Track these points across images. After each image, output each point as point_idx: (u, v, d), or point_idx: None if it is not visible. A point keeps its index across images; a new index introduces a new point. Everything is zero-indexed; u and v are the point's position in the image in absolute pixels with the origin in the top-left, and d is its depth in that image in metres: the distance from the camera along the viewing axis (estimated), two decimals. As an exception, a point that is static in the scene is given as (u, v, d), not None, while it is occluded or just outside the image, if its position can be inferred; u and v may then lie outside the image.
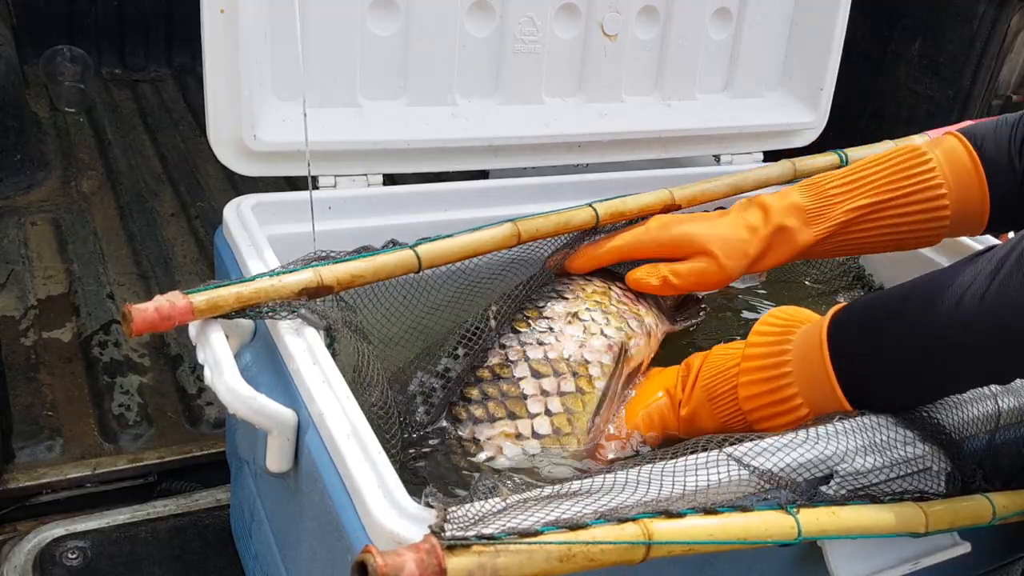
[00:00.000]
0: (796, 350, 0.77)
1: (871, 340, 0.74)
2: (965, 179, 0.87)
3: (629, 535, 0.57)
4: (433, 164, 1.09)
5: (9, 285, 1.51)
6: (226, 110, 0.95)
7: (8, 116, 1.77)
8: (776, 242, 0.93)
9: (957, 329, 0.68)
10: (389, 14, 1.03)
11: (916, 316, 0.71)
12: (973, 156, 0.87)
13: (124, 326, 0.68)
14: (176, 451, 1.26)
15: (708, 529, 0.60)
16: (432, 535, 0.52)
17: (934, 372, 0.72)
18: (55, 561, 1.11)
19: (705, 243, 0.92)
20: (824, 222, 0.91)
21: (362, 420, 0.67)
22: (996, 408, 0.79)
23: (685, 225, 0.94)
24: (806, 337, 0.77)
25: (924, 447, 0.74)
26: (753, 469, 0.67)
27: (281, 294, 0.75)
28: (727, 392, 0.81)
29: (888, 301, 0.75)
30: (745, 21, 1.26)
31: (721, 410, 0.82)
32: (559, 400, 0.84)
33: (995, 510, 0.74)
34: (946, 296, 0.69)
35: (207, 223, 1.77)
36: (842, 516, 0.66)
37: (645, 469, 0.65)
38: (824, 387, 0.75)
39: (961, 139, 0.88)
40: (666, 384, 0.88)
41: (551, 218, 0.94)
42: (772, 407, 0.78)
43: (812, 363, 0.75)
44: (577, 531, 0.56)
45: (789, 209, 0.93)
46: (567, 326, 0.90)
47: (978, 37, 1.57)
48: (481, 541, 0.52)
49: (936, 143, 0.90)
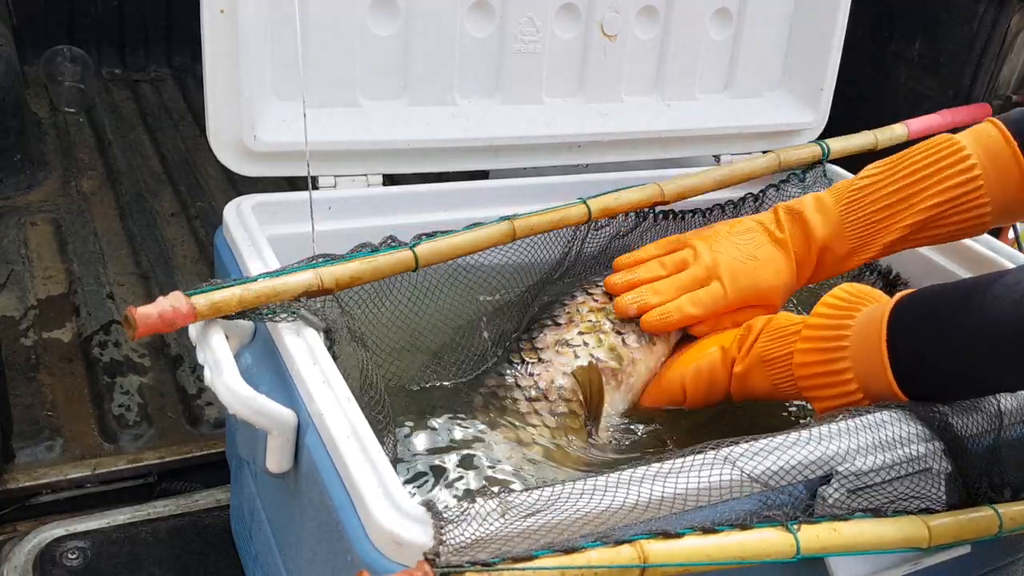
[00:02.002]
0: (857, 327, 0.78)
1: (929, 329, 0.74)
2: (1006, 173, 0.85)
3: (624, 558, 0.57)
4: (433, 164, 1.09)
5: (9, 285, 1.51)
6: (226, 110, 0.95)
7: (8, 116, 1.76)
8: (818, 272, 0.96)
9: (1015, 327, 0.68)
10: (389, 14, 1.03)
11: (978, 310, 0.71)
12: (1013, 145, 0.85)
13: (127, 330, 0.68)
14: (176, 451, 1.26)
15: (705, 550, 0.60)
16: (425, 562, 0.51)
17: (990, 367, 0.72)
18: (55, 561, 1.11)
19: (772, 299, 0.94)
20: (867, 252, 0.92)
21: (362, 420, 0.67)
22: (998, 409, 0.79)
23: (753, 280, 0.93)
24: (869, 316, 0.77)
25: (925, 447, 0.74)
26: (748, 474, 0.66)
27: (282, 296, 0.75)
28: (783, 357, 0.82)
29: (952, 293, 0.75)
30: (745, 21, 1.26)
31: (775, 373, 0.83)
32: (552, 417, 0.87)
33: (1002, 523, 0.73)
34: (1009, 295, 0.69)
35: (207, 223, 1.77)
36: (843, 533, 0.66)
37: (639, 471, 0.65)
38: (877, 368, 0.75)
39: (1000, 128, 0.86)
40: (722, 342, 0.89)
41: (545, 215, 0.94)
42: (823, 378, 0.79)
43: (869, 342, 0.76)
44: (571, 555, 0.55)
45: (833, 237, 0.93)
46: (556, 356, 0.91)
47: (978, 37, 1.57)
48: (474, 567, 0.52)
49: (974, 136, 0.87)
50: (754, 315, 0.92)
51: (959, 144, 0.87)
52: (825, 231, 0.92)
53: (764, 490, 0.67)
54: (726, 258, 0.93)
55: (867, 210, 0.91)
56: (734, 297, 0.92)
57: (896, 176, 0.90)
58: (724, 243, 0.95)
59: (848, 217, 0.92)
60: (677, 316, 0.92)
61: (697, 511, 0.65)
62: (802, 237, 0.93)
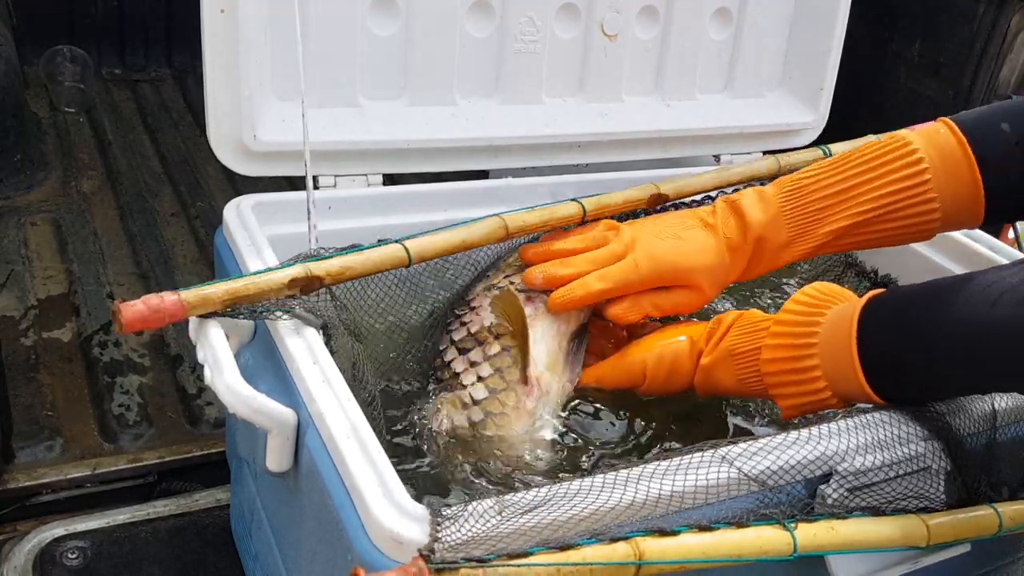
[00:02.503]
0: (827, 324, 0.77)
1: (899, 329, 0.74)
2: (956, 174, 0.83)
3: (619, 555, 0.57)
4: (433, 164, 1.09)
5: (9, 285, 1.51)
6: (226, 110, 0.95)
7: (8, 116, 1.76)
8: (756, 262, 0.92)
9: (989, 329, 0.67)
10: (389, 14, 1.03)
11: (947, 312, 0.70)
12: (964, 146, 0.83)
13: (114, 323, 0.68)
14: (176, 451, 1.26)
15: (701, 547, 0.60)
16: (420, 558, 0.51)
17: (961, 368, 0.71)
18: (55, 561, 1.11)
19: (693, 278, 0.90)
20: (807, 242, 0.89)
21: (362, 420, 0.67)
22: (992, 408, 0.79)
23: (672, 256, 0.90)
24: (840, 314, 0.77)
25: (923, 446, 0.74)
26: (749, 473, 0.66)
27: (271, 287, 0.75)
28: (751, 351, 0.81)
29: (923, 293, 0.74)
30: (745, 21, 1.26)
31: (742, 368, 0.82)
32: (487, 364, 0.87)
33: (1002, 522, 0.73)
34: (982, 296, 0.68)
35: (207, 223, 1.77)
36: (841, 531, 0.66)
37: (636, 470, 0.65)
38: (846, 367, 0.75)
39: (952, 129, 0.84)
40: (691, 333, 0.88)
41: (537, 213, 0.94)
42: (791, 375, 0.78)
43: (839, 341, 0.75)
44: (567, 551, 0.55)
45: (770, 225, 0.90)
46: (484, 299, 0.93)
47: (978, 37, 1.57)
48: (469, 564, 0.52)
49: (926, 135, 0.85)
50: (677, 298, 0.91)
51: (908, 140, 0.85)
52: (762, 219, 0.90)
53: (762, 489, 0.67)
54: (646, 235, 0.92)
55: (808, 199, 0.89)
56: (647, 272, 0.89)
57: (841, 169, 0.88)
58: (649, 224, 0.94)
59: (787, 206, 0.89)
60: (581, 292, 0.90)
61: (694, 510, 0.65)
62: (738, 225, 0.91)
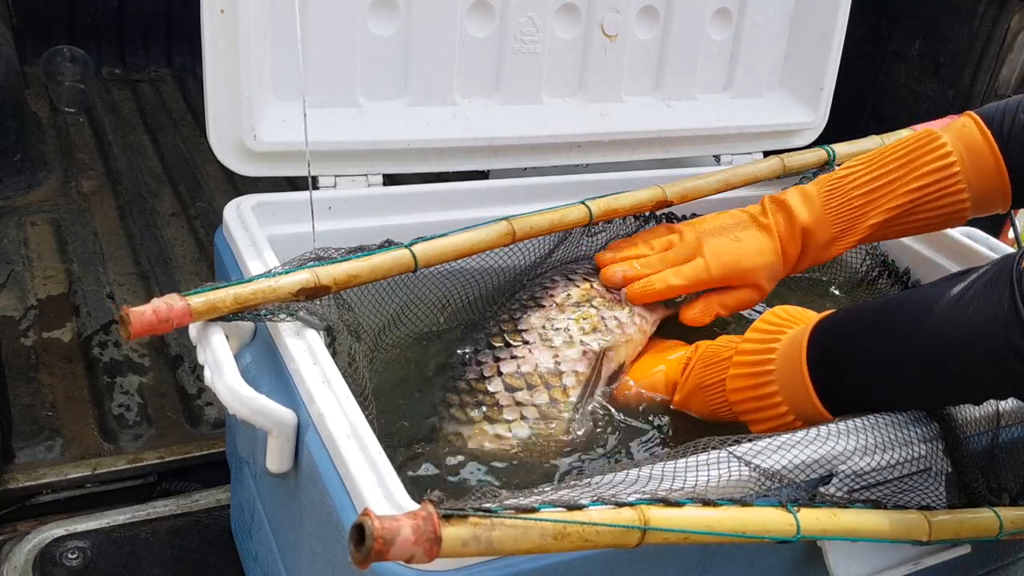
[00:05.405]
0: (782, 350, 0.80)
1: (842, 351, 0.76)
2: (982, 162, 0.89)
3: (625, 519, 0.57)
4: (433, 164, 1.09)
5: (9, 285, 1.51)
6: (226, 110, 0.95)
7: (8, 116, 1.76)
8: (803, 258, 0.98)
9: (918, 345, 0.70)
10: (389, 14, 1.03)
11: (884, 329, 0.73)
12: (988, 136, 0.88)
13: (122, 329, 0.68)
14: (176, 451, 1.26)
15: (706, 520, 0.60)
16: (429, 502, 0.52)
17: (899, 386, 0.74)
18: (55, 561, 1.11)
19: (755, 277, 0.96)
20: (851, 236, 0.95)
21: (362, 420, 0.67)
22: (996, 410, 0.79)
23: (736, 257, 0.96)
24: (791, 340, 0.80)
25: (924, 447, 0.74)
26: (756, 467, 0.67)
27: (279, 295, 0.75)
28: (718, 383, 0.85)
29: (863, 312, 0.78)
30: (745, 21, 1.26)
31: (711, 399, 0.86)
32: (534, 409, 0.87)
33: (1002, 525, 0.74)
34: (916, 312, 0.71)
35: (207, 223, 1.77)
36: (843, 518, 0.66)
37: (646, 468, 0.65)
38: (801, 391, 0.77)
39: (976, 121, 0.89)
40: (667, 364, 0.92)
41: (545, 216, 0.94)
42: (755, 402, 0.81)
43: (792, 366, 0.78)
44: (573, 511, 0.56)
45: (816, 223, 0.95)
46: (540, 339, 0.91)
47: (978, 37, 1.57)
48: (478, 513, 0.53)
49: (953, 130, 0.91)
50: (741, 296, 0.97)
51: (937, 135, 0.91)
52: (808, 216, 0.95)
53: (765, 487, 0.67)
54: (710, 238, 0.97)
55: (848, 195, 0.94)
56: (717, 272, 0.95)
57: (877, 165, 0.94)
58: (709, 226, 0.99)
59: (830, 203, 0.95)
60: (660, 286, 0.96)
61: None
62: (786, 222, 0.96)
